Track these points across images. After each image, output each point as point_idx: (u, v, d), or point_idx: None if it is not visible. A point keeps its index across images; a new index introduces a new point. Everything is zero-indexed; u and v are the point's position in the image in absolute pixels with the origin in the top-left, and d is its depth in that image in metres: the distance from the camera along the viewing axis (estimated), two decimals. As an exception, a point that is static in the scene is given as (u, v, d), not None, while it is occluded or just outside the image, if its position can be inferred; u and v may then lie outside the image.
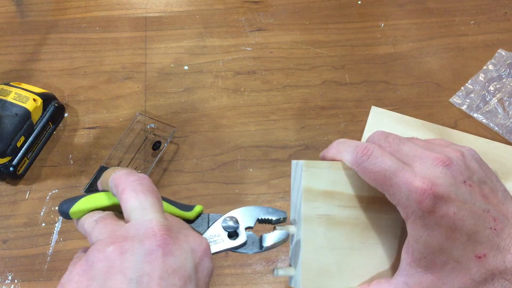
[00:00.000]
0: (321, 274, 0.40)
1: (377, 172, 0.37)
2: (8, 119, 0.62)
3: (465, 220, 0.35)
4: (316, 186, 0.41)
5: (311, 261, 0.40)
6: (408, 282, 0.38)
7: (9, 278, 0.58)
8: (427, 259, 0.36)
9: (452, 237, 0.36)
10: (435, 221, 0.35)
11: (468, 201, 0.36)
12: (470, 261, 0.36)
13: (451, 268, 0.36)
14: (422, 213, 0.35)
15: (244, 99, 0.71)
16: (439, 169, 0.36)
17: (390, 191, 0.37)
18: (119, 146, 0.66)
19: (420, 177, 0.36)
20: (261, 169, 0.66)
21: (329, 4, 0.81)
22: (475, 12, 0.81)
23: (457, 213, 0.35)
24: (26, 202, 0.63)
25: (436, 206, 0.35)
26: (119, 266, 0.32)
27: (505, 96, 0.72)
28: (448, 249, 0.36)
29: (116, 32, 0.77)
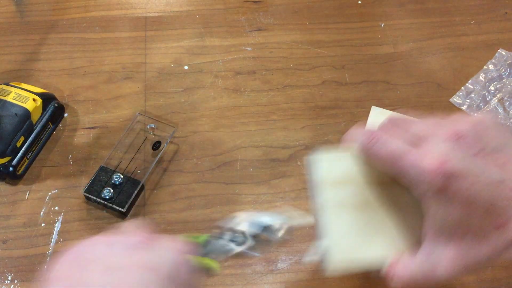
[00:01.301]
0: (347, 255, 0.41)
1: (385, 156, 0.38)
2: (8, 119, 0.62)
3: (480, 193, 0.35)
4: (331, 176, 0.43)
5: (336, 245, 0.41)
6: (430, 255, 0.38)
7: (8, 279, 0.58)
8: (446, 233, 0.37)
9: (469, 211, 0.35)
10: (449, 197, 0.35)
11: (481, 174, 0.35)
12: (489, 231, 0.36)
13: (471, 239, 0.36)
14: (435, 192, 0.35)
15: (244, 99, 0.71)
16: (448, 145, 0.35)
17: (400, 173, 0.37)
18: (119, 146, 0.66)
19: (428, 156, 0.35)
20: (261, 169, 0.66)
21: (329, 4, 0.81)
22: (475, 12, 0.81)
23: (470, 188, 0.35)
24: (25, 202, 0.62)
25: (448, 184, 0.34)
26: (103, 256, 0.34)
27: (506, 96, 0.72)
28: (466, 222, 0.36)
29: (116, 32, 0.77)
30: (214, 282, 0.58)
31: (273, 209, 0.61)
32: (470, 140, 0.36)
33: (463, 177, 0.34)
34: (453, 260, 0.37)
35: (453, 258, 0.37)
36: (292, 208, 0.46)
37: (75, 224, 0.61)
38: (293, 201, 0.63)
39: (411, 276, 0.38)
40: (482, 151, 0.36)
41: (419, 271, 0.38)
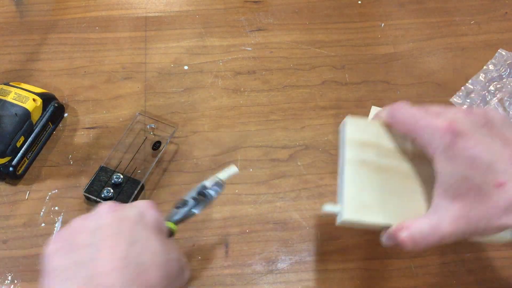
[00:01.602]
0: (362, 209, 0.45)
1: (407, 118, 0.44)
2: (8, 119, 0.62)
3: (483, 151, 0.40)
4: (358, 137, 0.47)
5: (354, 197, 0.45)
6: (437, 212, 0.42)
7: (8, 279, 0.58)
8: (453, 188, 0.41)
9: (473, 166, 0.40)
10: (456, 152, 0.40)
11: (485, 138, 0.41)
12: (491, 188, 0.40)
13: (474, 195, 0.40)
14: (444, 147, 0.41)
15: (244, 99, 0.71)
16: (460, 114, 0.42)
17: (417, 133, 0.43)
18: (119, 146, 0.66)
19: (442, 118, 0.41)
20: (261, 169, 0.66)
21: (329, 4, 0.81)
22: (475, 12, 0.81)
23: (475, 146, 0.40)
24: (25, 202, 0.62)
25: (455, 140, 0.40)
26: (83, 225, 0.43)
27: (506, 96, 0.72)
28: (470, 177, 0.40)
29: (116, 32, 0.77)
30: (214, 282, 0.58)
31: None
32: (480, 116, 0.42)
33: (468, 137, 0.40)
34: (457, 214, 0.41)
35: (457, 213, 0.41)
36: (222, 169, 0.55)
37: (75, 224, 0.61)
38: (293, 201, 0.63)
39: (420, 230, 0.42)
40: (487, 125, 0.42)
41: (427, 225, 0.42)
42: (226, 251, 0.60)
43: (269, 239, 0.61)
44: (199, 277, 0.58)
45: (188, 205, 0.52)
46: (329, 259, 0.60)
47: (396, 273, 0.59)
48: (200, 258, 0.59)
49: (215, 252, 0.60)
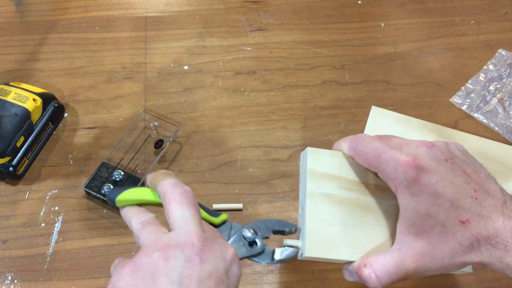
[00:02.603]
0: (324, 245, 0.44)
1: (369, 152, 0.44)
2: (8, 119, 0.62)
3: (447, 188, 0.40)
4: (319, 169, 0.46)
5: (316, 232, 0.44)
6: (401, 249, 0.42)
7: (8, 278, 0.58)
8: (417, 225, 0.41)
9: (436, 203, 0.40)
10: (420, 188, 0.40)
11: (449, 174, 0.41)
12: (455, 225, 0.40)
13: (438, 232, 0.40)
14: (408, 182, 0.40)
15: (244, 99, 0.71)
16: (423, 149, 0.42)
17: (380, 167, 0.42)
18: (121, 143, 0.66)
19: (405, 153, 0.41)
20: (261, 169, 0.66)
21: (329, 4, 0.81)
22: (475, 12, 0.81)
23: (439, 182, 0.40)
24: (25, 202, 0.62)
25: (419, 176, 0.40)
26: (163, 269, 0.37)
27: (506, 96, 0.72)
28: (434, 214, 0.40)
29: (116, 32, 0.77)
30: (214, 282, 0.58)
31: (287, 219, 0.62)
32: (442, 150, 0.42)
33: (433, 173, 0.40)
34: (421, 252, 0.41)
35: (421, 250, 0.41)
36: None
37: (75, 224, 0.61)
38: (293, 201, 0.63)
39: (384, 267, 0.41)
40: (450, 159, 0.42)
41: (391, 263, 0.41)
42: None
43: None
44: (199, 277, 0.58)
45: (255, 250, 0.46)
46: (329, 259, 0.60)
47: (396, 273, 0.59)
48: (200, 258, 0.59)
49: (215, 252, 0.60)
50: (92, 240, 0.60)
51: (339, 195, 0.46)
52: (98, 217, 0.62)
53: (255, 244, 0.45)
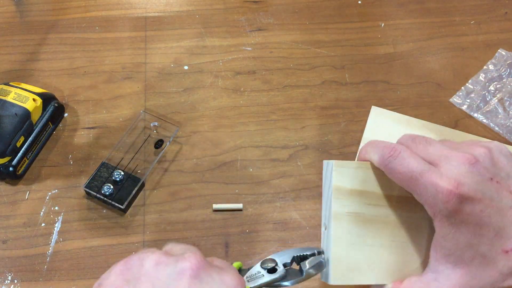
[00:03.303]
0: (351, 269, 0.41)
1: (404, 173, 0.39)
2: (8, 119, 0.62)
3: (492, 217, 0.37)
4: (345, 185, 0.42)
5: (342, 257, 0.41)
6: (438, 278, 0.39)
7: (8, 278, 0.58)
8: (455, 255, 0.38)
9: (479, 234, 0.37)
10: (462, 219, 0.37)
11: (494, 198, 0.37)
12: (497, 255, 0.37)
13: (478, 262, 0.37)
14: (449, 212, 0.37)
15: (244, 99, 0.71)
16: (465, 168, 0.37)
17: (417, 191, 0.38)
18: (121, 143, 0.66)
19: (446, 177, 0.37)
20: (261, 169, 0.66)
21: (329, 4, 0.81)
22: (475, 12, 0.80)
23: (483, 211, 0.36)
24: (25, 202, 0.62)
25: (462, 206, 0.36)
26: (150, 275, 0.34)
27: (506, 96, 0.72)
28: (476, 244, 0.37)
29: (116, 32, 0.77)
30: (214, 282, 0.58)
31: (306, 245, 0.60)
32: (486, 165, 0.38)
33: (477, 201, 0.36)
34: (459, 283, 0.38)
35: (459, 281, 0.38)
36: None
37: (75, 224, 0.61)
38: (293, 201, 0.63)
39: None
40: (496, 176, 0.38)
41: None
42: (226, 251, 0.60)
43: (269, 239, 0.61)
44: (199, 277, 0.58)
45: (277, 273, 0.42)
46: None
47: (396, 273, 0.59)
48: (200, 258, 0.59)
49: (215, 252, 0.60)
50: (92, 240, 0.60)
51: (366, 213, 0.42)
52: (98, 217, 0.62)
53: (275, 271, 0.42)
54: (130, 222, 0.62)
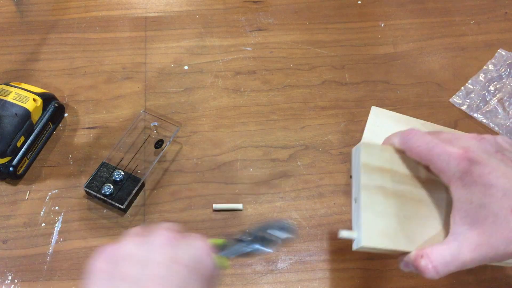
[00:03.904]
0: (379, 235, 0.45)
1: (420, 146, 0.44)
2: (8, 119, 0.62)
3: (499, 178, 0.41)
4: (373, 163, 0.47)
5: (372, 223, 0.45)
6: (457, 238, 0.43)
7: (9, 278, 0.58)
8: (471, 215, 0.42)
9: (489, 194, 0.41)
10: (473, 179, 0.41)
11: (500, 165, 0.42)
12: (507, 214, 0.41)
13: (492, 222, 0.41)
14: (461, 174, 0.42)
15: (244, 99, 0.71)
16: (473, 142, 0.44)
17: (432, 160, 0.44)
18: (121, 143, 0.66)
19: (457, 146, 0.43)
20: (261, 169, 0.66)
21: (329, 4, 0.81)
22: (475, 12, 0.81)
23: (491, 173, 0.41)
24: (26, 202, 0.63)
25: (472, 168, 0.41)
26: (133, 253, 0.39)
27: (505, 96, 0.72)
28: (487, 204, 0.41)
29: (116, 32, 0.77)
30: (214, 282, 0.58)
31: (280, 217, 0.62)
32: (491, 143, 0.44)
33: (484, 165, 0.41)
34: (477, 242, 0.41)
35: (477, 240, 0.41)
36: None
37: (75, 224, 0.61)
38: (293, 201, 0.63)
39: (441, 258, 0.42)
40: (500, 151, 0.43)
41: (448, 253, 0.42)
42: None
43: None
44: (199, 277, 0.58)
45: (247, 242, 0.46)
46: (329, 259, 0.60)
47: (396, 273, 0.59)
48: (200, 258, 0.59)
49: (215, 252, 0.60)
50: (92, 240, 0.60)
51: (392, 188, 0.46)
52: (98, 217, 0.62)
53: (247, 241, 0.46)
54: (130, 222, 0.62)
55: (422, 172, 0.47)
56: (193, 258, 0.40)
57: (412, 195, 0.47)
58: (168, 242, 0.40)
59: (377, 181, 0.46)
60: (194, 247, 0.41)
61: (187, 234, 0.43)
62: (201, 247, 0.42)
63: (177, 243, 0.41)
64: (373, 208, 0.45)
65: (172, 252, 0.40)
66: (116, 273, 0.38)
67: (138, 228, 0.44)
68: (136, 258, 0.39)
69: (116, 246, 0.40)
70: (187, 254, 0.40)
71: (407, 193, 0.47)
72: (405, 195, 0.47)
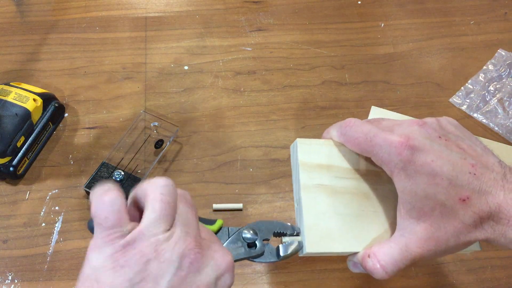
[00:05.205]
0: (324, 238, 0.42)
1: (360, 137, 0.42)
2: (8, 119, 0.62)
3: (443, 166, 0.38)
4: (311, 160, 0.44)
5: (314, 227, 0.42)
6: (404, 235, 0.40)
7: (9, 278, 0.58)
8: (416, 208, 0.39)
9: (434, 183, 0.38)
10: (416, 169, 0.38)
11: (444, 151, 0.39)
12: (455, 204, 0.38)
13: (439, 213, 0.39)
14: (403, 164, 0.39)
15: (244, 99, 0.71)
16: (414, 128, 0.40)
17: (373, 151, 0.41)
18: (121, 143, 0.66)
19: (397, 134, 0.40)
20: (261, 169, 0.66)
21: (329, 4, 0.81)
22: (475, 12, 0.81)
23: (434, 161, 0.38)
24: (26, 202, 0.63)
25: (414, 156, 0.38)
26: (153, 272, 0.33)
27: (505, 96, 0.72)
28: (433, 194, 0.38)
29: (116, 32, 0.77)
30: (214, 282, 0.58)
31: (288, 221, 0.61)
32: (434, 127, 0.41)
33: (427, 152, 0.39)
34: (425, 236, 0.39)
35: (425, 234, 0.39)
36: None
37: (75, 224, 0.61)
38: (293, 201, 0.63)
39: (389, 256, 0.40)
40: (444, 136, 0.40)
41: (395, 251, 0.40)
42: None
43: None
44: (199, 276, 0.58)
45: (256, 250, 0.43)
46: (329, 259, 0.60)
47: (396, 272, 0.59)
48: (200, 258, 0.59)
49: (215, 252, 0.60)
50: (93, 240, 0.60)
51: (334, 185, 0.44)
52: (98, 217, 0.62)
53: (255, 246, 0.43)
54: (130, 222, 0.62)
55: (365, 164, 0.45)
56: (216, 280, 0.35)
57: (356, 191, 0.44)
58: (195, 266, 0.34)
59: (317, 180, 0.44)
60: (219, 266, 0.36)
61: (209, 241, 0.37)
62: (226, 265, 0.36)
63: (203, 266, 0.35)
64: (315, 209, 0.43)
65: (198, 278, 0.34)
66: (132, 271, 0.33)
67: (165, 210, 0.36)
68: (158, 282, 0.33)
69: (138, 245, 0.34)
70: (211, 277, 0.35)
71: (351, 189, 0.44)
72: (349, 191, 0.44)
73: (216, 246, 0.37)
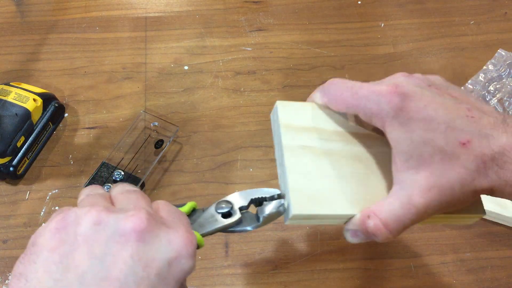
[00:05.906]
0: (312, 199, 0.38)
1: (344, 93, 0.39)
2: (8, 119, 0.62)
3: (438, 110, 0.36)
4: (294, 122, 0.41)
5: (300, 186, 0.38)
6: (404, 187, 0.37)
7: (9, 278, 0.58)
8: (414, 157, 0.36)
9: (431, 128, 0.36)
10: (409, 116, 0.36)
11: (436, 97, 0.37)
12: (455, 148, 0.35)
13: (440, 159, 0.36)
14: (395, 112, 0.36)
15: (244, 99, 0.71)
16: (401, 78, 0.38)
17: (360, 105, 0.38)
18: (121, 143, 0.66)
19: (385, 84, 0.38)
20: (261, 169, 0.66)
21: (329, 4, 0.81)
22: (474, 12, 0.81)
23: (427, 106, 0.36)
24: (26, 202, 0.63)
25: (405, 103, 0.36)
26: (89, 237, 0.31)
27: (505, 96, 0.72)
28: (431, 140, 0.36)
29: (116, 32, 0.77)
30: (214, 282, 0.58)
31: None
32: (421, 78, 0.38)
33: (419, 98, 0.36)
34: (427, 184, 0.36)
35: (427, 183, 0.36)
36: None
37: (75, 224, 0.61)
38: (293, 201, 0.63)
39: (391, 212, 0.36)
40: (434, 85, 0.38)
41: (397, 205, 0.36)
42: (226, 251, 0.60)
43: (269, 239, 0.61)
44: (199, 277, 0.58)
45: (232, 218, 0.39)
46: (329, 259, 0.60)
47: (396, 273, 0.59)
48: (200, 258, 0.59)
49: (215, 252, 0.60)
50: (93, 240, 0.60)
51: (321, 147, 0.40)
52: (98, 217, 0.62)
53: (230, 216, 0.39)
54: (130, 222, 0.62)
55: (353, 127, 0.41)
56: (170, 262, 0.32)
57: (345, 153, 0.40)
58: (140, 233, 0.31)
59: (302, 141, 0.40)
60: (174, 245, 0.32)
61: (168, 220, 0.34)
62: (183, 245, 0.32)
63: (151, 237, 0.32)
64: (300, 169, 0.38)
65: (143, 250, 0.31)
66: (68, 261, 0.31)
67: (100, 190, 0.36)
68: (96, 246, 0.31)
69: (70, 218, 0.32)
70: (163, 255, 0.31)
71: (339, 151, 0.40)
72: (337, 153, 0.40)
73: (178, 226, 0.34)
